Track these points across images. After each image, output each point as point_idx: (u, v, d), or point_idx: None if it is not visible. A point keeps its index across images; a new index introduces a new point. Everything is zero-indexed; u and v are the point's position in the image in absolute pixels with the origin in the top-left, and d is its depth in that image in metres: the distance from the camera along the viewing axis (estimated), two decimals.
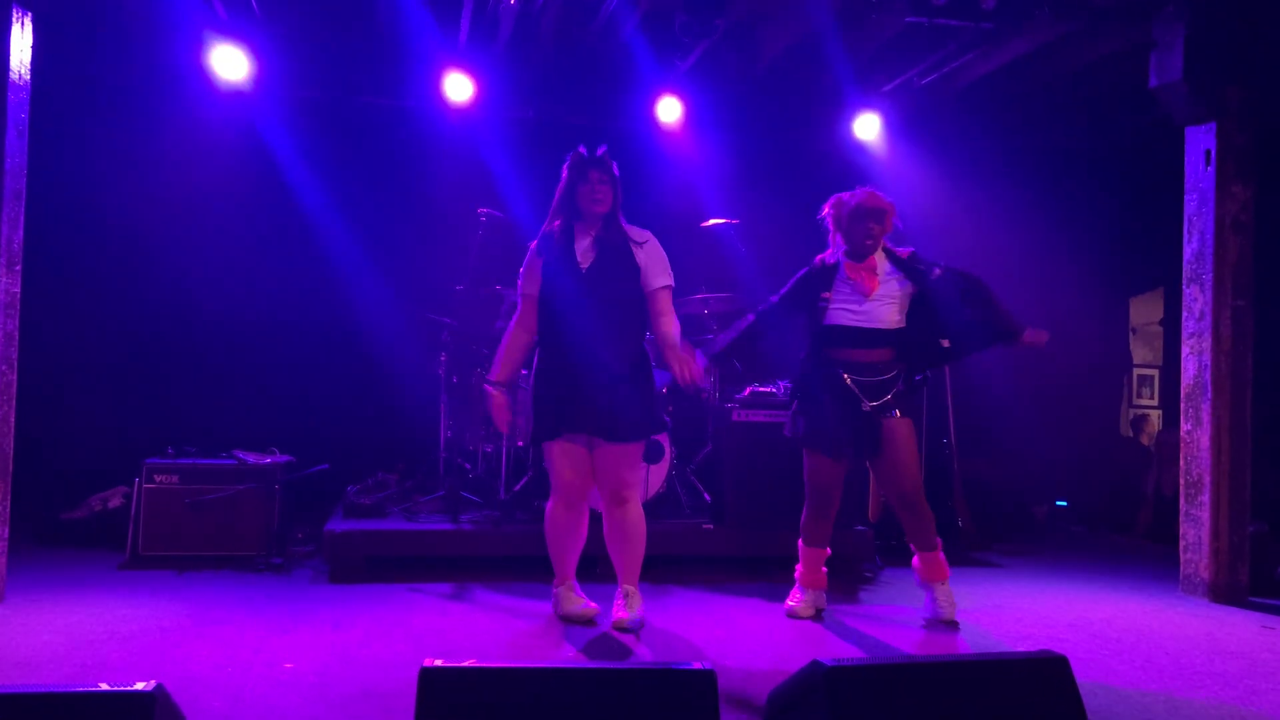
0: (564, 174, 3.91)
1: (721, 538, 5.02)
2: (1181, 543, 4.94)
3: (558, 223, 3.92)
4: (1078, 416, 7.56)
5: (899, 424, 4.08)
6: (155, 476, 4.95)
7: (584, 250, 3.84)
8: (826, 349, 4.13)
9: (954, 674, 2.37)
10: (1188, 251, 4.97)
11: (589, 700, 2.15)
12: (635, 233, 3.89)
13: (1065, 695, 2.35)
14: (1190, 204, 4.97)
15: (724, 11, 5.40)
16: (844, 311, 4.09)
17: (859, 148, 6.70)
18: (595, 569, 4.51)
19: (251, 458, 5.09)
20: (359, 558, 4.70)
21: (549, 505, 3.95)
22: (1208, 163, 4.87)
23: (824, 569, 4.24)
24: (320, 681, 3.12)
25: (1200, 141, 4.92)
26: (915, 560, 4.21)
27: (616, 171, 3.89)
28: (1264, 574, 4.97)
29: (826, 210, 4.22)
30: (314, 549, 5.18)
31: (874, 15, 5.88)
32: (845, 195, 4.16)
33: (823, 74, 6.46)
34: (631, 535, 3.89)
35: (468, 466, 5.59)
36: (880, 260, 4.13)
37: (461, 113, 6.19)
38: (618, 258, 3.83)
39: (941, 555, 4.17)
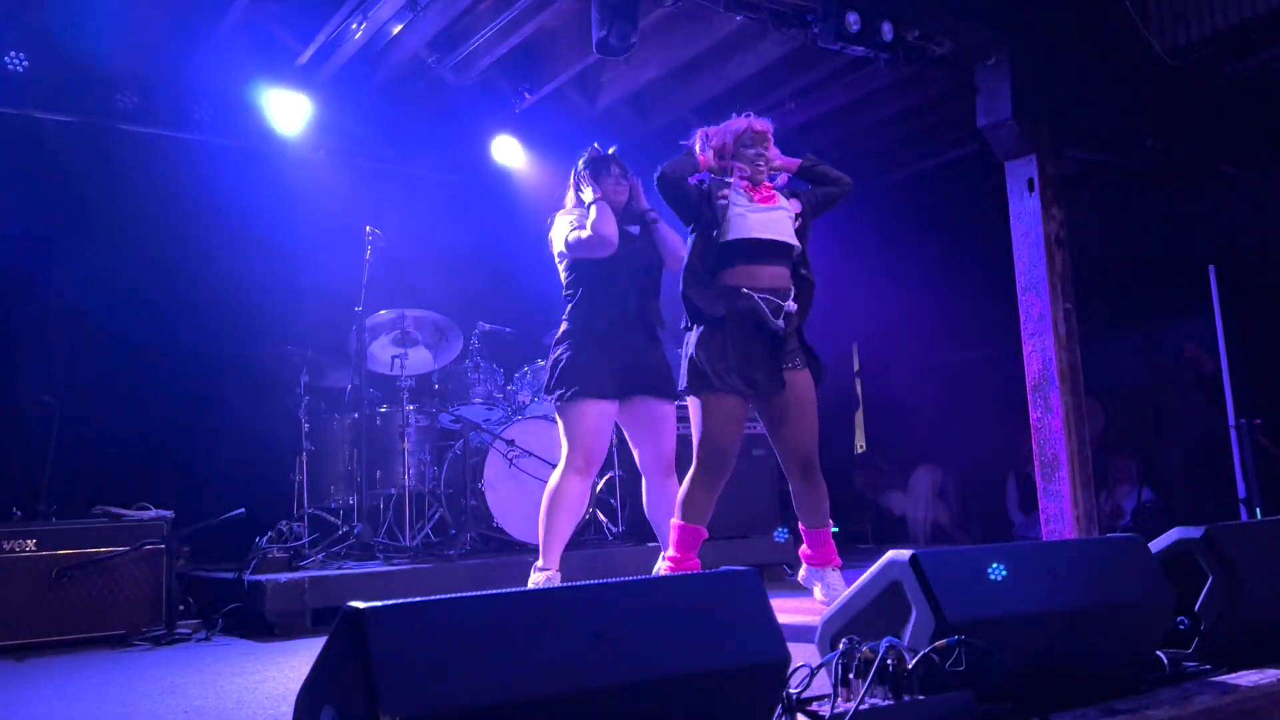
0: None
1: None
2: (1042, 516, 5.62)
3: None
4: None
5: (801, 375, 3.68)
6: (3, 544, 3.88)
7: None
8: (725, 270, 3.61)
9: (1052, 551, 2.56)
10: (1019, 266, 5.77)
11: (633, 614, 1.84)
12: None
13: (1149, 566, 2.56)
14: (1018, 226, 5.78)
15: None
16: (744, 219, 3.58)
17: None
18: None
19: (127, 514, 4.16)
20: (305, 610, 4.01)
21: (563, 479, 3.93)
22: (1031, 189, 5.73)
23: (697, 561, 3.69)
24: None
25: (1022, 172, 5.78)
26: (805, 547, 3.79)
27: None
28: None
29: (699, 143, 3.79)
30: (201, 622, 4.31)
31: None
32: (715, 128, 3.81)
33: None
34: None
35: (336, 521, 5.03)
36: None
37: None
38: None
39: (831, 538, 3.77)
